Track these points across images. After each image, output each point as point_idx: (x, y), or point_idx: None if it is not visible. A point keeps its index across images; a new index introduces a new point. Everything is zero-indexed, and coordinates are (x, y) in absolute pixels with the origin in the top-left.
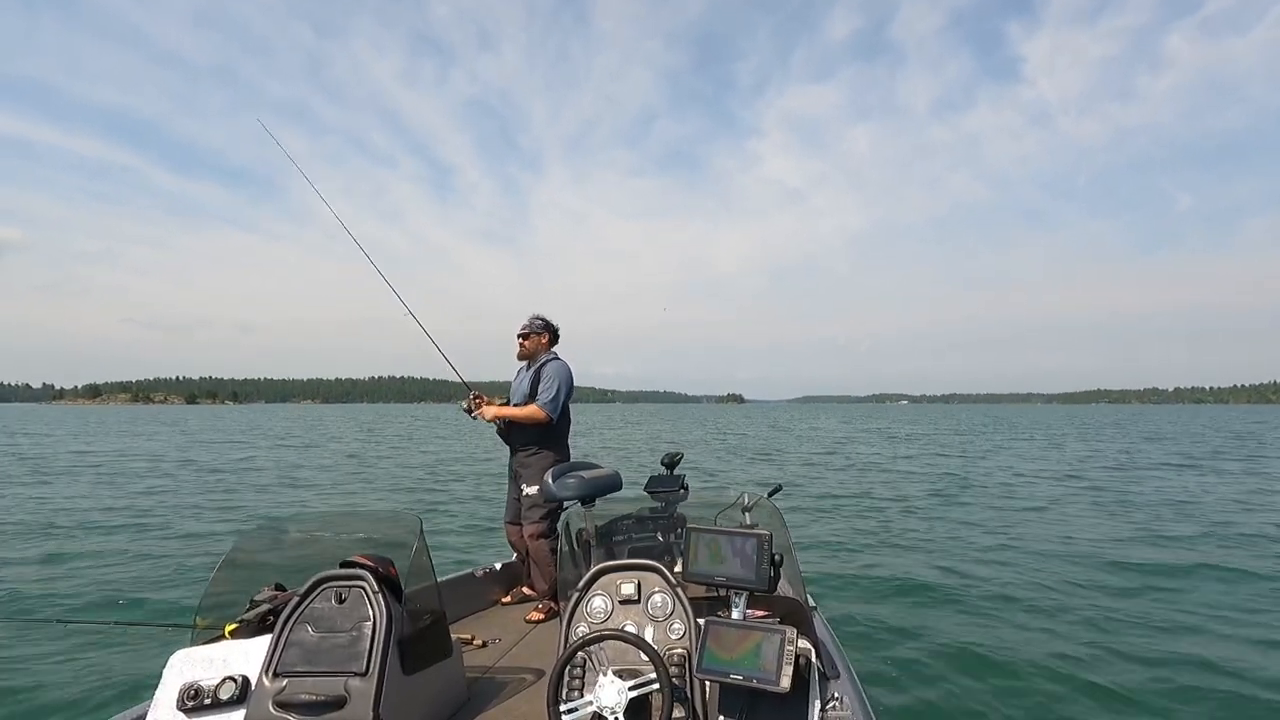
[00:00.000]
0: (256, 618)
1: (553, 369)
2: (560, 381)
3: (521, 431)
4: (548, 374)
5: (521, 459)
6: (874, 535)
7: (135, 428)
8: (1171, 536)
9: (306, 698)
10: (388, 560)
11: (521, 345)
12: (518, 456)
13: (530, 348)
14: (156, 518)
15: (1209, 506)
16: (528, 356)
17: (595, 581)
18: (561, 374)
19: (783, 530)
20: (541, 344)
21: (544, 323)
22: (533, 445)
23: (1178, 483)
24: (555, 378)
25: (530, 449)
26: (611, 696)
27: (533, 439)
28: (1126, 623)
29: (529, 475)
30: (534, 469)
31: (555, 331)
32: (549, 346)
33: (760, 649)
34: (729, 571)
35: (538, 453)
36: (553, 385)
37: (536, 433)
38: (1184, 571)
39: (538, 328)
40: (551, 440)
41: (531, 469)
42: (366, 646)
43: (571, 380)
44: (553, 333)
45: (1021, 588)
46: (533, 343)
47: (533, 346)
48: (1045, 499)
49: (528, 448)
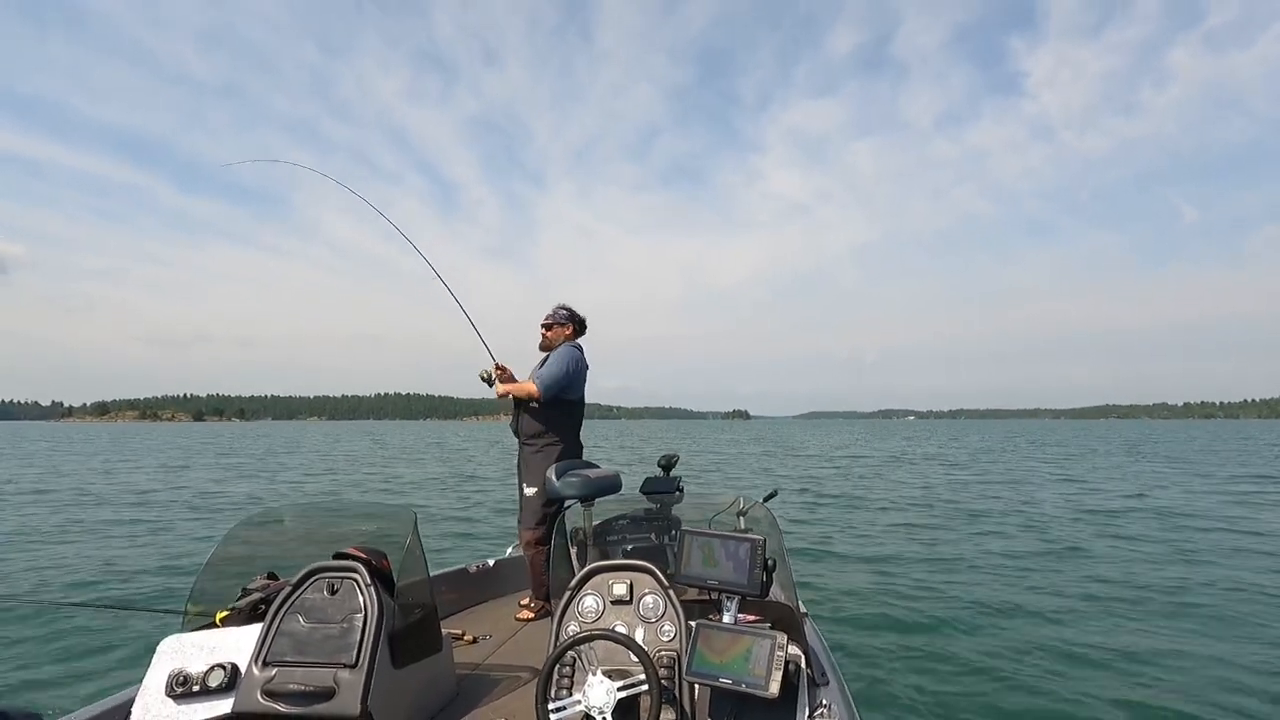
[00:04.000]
0: (248, 606)
1: (561, 351)
2: (565, 363)
3: (528, 423)
4: (555, 355)
5: (525, 454)
6: (869, 546)
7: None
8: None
9: (295, 688)
10: (381, 553)
11: (544, 335)
12: (522, 451)
13: (553, 339)
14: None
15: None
16: (550, 348)
17: (588, 581)
18: (568, 357)
19: (777, 536)
20: (565, 335)
21: (569, 313)
22: (536, 439)
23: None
24: (560, 359)
25: (534, 443)
26: (600, 696)
27: (537, 433)
28: (1128, 644)
29: (529, 474)
30: (535, 467)
31: (581, 323)
32: (573, 338)
33: (750, 654)
34: (722, 575)
35: (541, 449)
36: (554, 365)
37: (541, 426)
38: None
39: (561, 318)
40: (556, 434)
41: (532, 467)
42: (357, 639)
43: (579, 367)
44: (577, 324)
45: (1015, 603)
46: (555, 333)
47: (555, 337)
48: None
49: (532, 441)
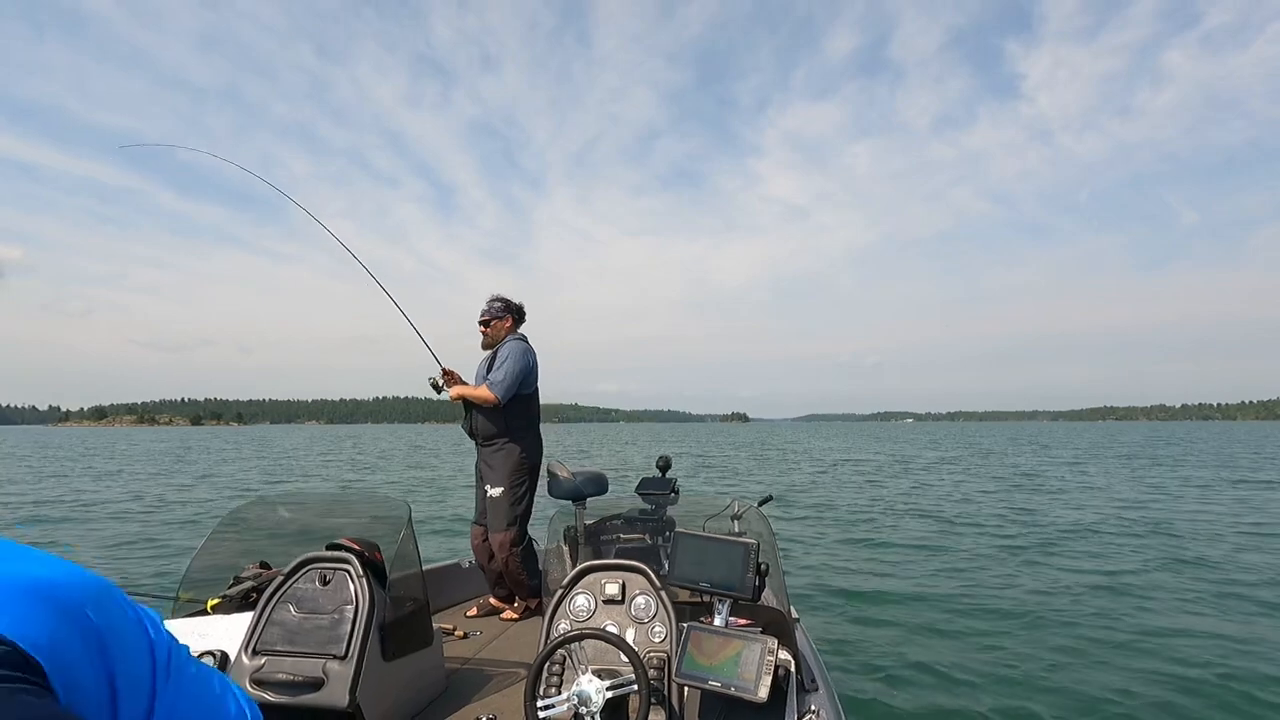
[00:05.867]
0: (239, 594)
1: (508, 349)
2: (514, 360)
3: (484, 424)
4: (502, 354)
5: (485, 455)
6: (861, 552)
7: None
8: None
9: (284, 677)
10: (374, 545)
11: (484, 333)
12: (481, 453)
13: (493, 335)
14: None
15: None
16: (492, 345)
17: (580, 580)
18: (516, 353)
19: (770, 540)
20: (505, 328)
21: (504, 304)
22: (496, 440)
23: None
24: (509, 357)
25: (493, 444)
26: (590, 696)
27: (495, 432)
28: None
29: (493, 475)
30: (498, 469)
31: (519, 311)
32: (513, 329)
33: (741, 657)
34: (714, 577)
35: (501, 449)
36: (504, 365)
37: (499, 425)
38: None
39: (497, 311)
40: (516, 434)
41: (495, 469)
42: (348, 630)
43: (530, 361)
44: (515, 313)
45: (1014, 611)
46: (495, 329)
47: (495, 333)
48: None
49: (491, 443)
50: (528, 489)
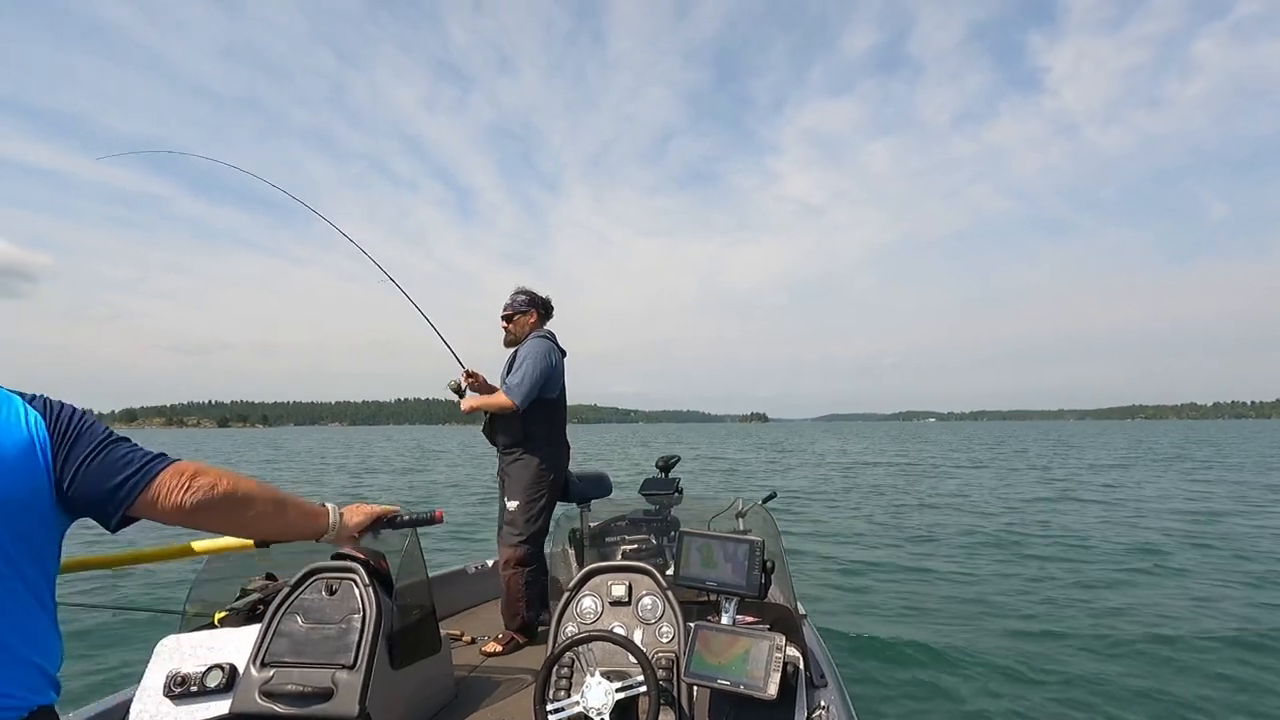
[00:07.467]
0: (246, 606)
1: (528, 348)
2: (534, 362)
3: (503, 429)
4: (522, 353)
5: (504, 465)
6: (869, 549)
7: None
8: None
9: (293, 688)
10: (380, 553)
11: (506, 329)
12: (501, 461)
13: (517, 331)
14: None
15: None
16: (516, 342)
17: (586, 582)
18: (537, 353)
19: (775, 537)
20: (529, 324)
21: (528, 297)
22: (515, 448)
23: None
24: (528, 358)
25: (512, 453)
26: (599, 698)
27: (514, 440)
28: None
29: (510, 487)
30: (515, 480)
31: (545, 305)
32: (539, 325)
33: (749, 655)
34: (720, 576)
35: (519, 459)
36: (523, 366)
37: (517, 433)
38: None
39: (521, 305)
40: (536, 443)
41: (513, 479)
42: (355, 639)
43: (551, 362)
44: (540, 307)
45: (1023, 609)
46: (519, 324)
47: (519, 329)
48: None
49: (510, 451)
50: (546, 504)
